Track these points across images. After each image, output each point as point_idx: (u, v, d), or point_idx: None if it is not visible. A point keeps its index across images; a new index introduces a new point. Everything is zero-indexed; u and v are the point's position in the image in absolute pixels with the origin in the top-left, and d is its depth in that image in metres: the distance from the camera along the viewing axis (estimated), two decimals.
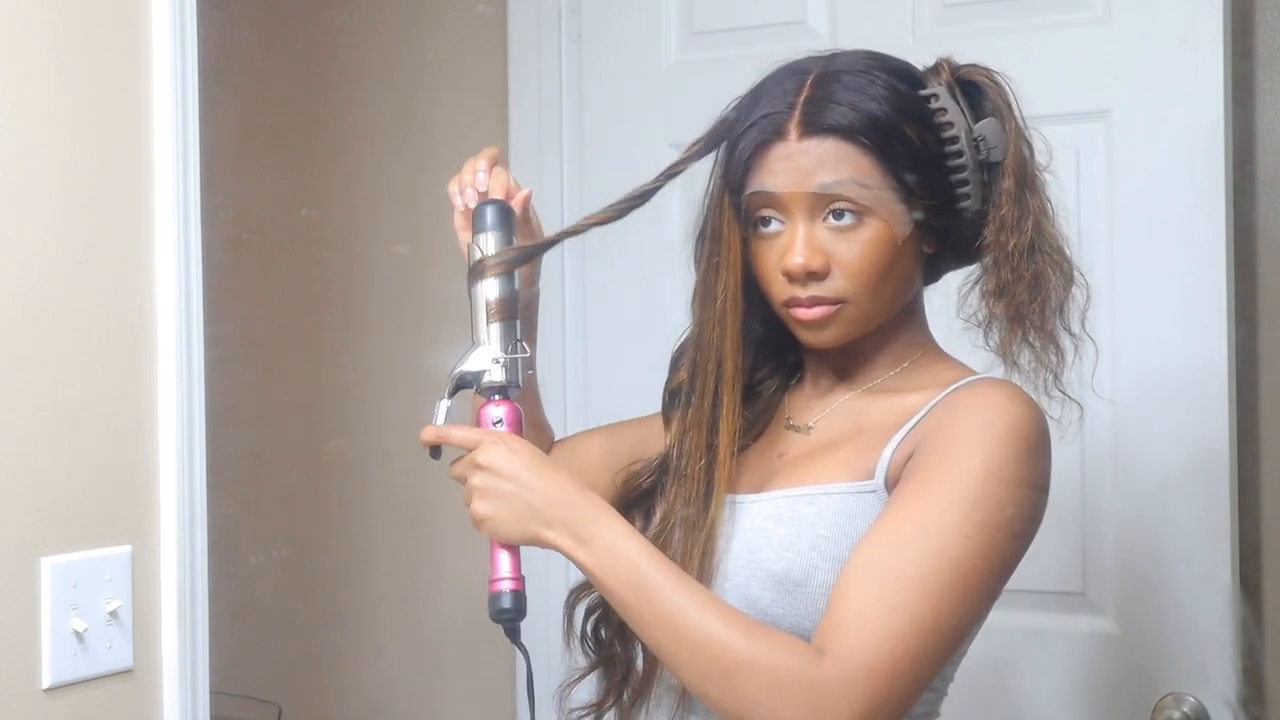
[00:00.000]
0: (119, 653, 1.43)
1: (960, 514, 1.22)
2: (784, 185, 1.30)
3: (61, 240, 1.40)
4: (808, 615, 1.27)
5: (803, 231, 1.30)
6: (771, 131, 1.31)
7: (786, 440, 1.40)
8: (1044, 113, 1.93)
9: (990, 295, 1.34)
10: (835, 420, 1.38)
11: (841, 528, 1.28)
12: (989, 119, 1.34)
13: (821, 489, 1.31)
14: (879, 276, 1.30)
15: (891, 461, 1.29)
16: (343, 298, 2.46)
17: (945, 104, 1.33)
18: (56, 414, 1.39)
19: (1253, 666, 1.83)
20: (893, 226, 1.30)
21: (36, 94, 1.38)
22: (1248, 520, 1.86)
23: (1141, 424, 1.87)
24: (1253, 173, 1.87)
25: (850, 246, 1.29)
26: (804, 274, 1.29)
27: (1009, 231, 1.32)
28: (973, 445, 1.25)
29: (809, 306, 1.31)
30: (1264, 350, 1.87)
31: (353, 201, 2.44)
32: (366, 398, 2.43)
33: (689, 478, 1.37)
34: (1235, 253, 1.84)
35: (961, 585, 1.21)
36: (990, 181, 1.34)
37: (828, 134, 1.29)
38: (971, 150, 1.33)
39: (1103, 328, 1.89)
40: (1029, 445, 1.26)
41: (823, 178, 1.29)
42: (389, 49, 2.41)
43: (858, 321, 1.32)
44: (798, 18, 2.09)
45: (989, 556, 1.23)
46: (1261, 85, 1.88)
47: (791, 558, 1.28)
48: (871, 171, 1.29)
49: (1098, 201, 1.90)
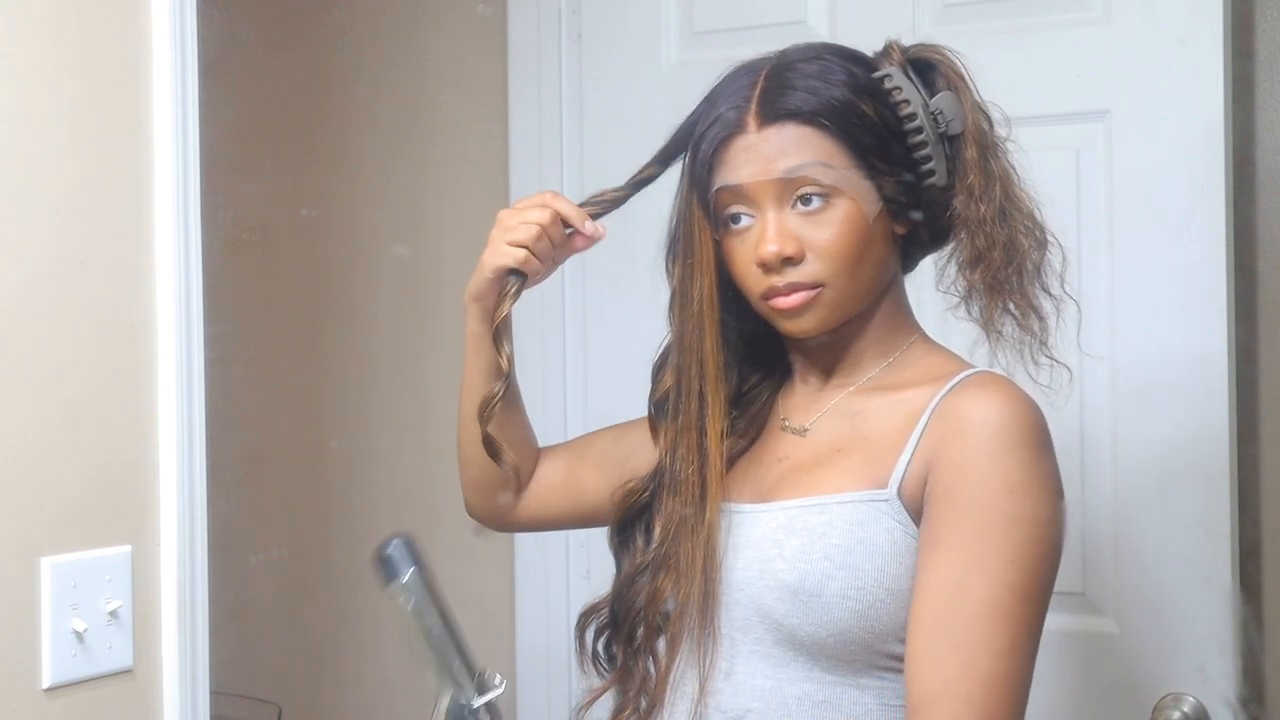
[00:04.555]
0: (119, 653, 1.43)
1: (998, 541, 1.23)
2: (749, 176, 1.31)
3: (62, 240, 1.40)
4: (823, 625, 1.27)
5: (773, 220, 1.30)
6: (731, 126, 1.31)
7: (785, 443, 1.40)
8: (1044, 113, 1.95)
9: (967, 265, 1.35)
10: (833, 421, 1.38)
11: (854, 535, 1.28)
12: (944, 93, 1.35)
13: (833, 498, 1.31)
14: (854, 257, 1.31)
15: (906, 476, 1.29)
16: (343, 298, 2.46)
17: (899, 82, 1.34)
18: (57, 414, 1.39)
19: (1253, 666, 1.83)
20: (861, 205, 1.31)
21: (36, 94, 1.38)
22: (1248, 520, 1.86)
23: (1141, 423, 1.87)
24: (1252, 173, 1.87)
25: (822, 229, 1.30)
26: (779, 261, 1.29)
27: (978, 200, 1.34)
28: (986, 467, 1.25)
29: (787, 294, 1.31)
30: (1264, 350, 1.87)
31: (353, 201, 2.44)
32: (366, 398, 2.43)
33: (684, 483, 1.37)
34: (1235, 252, 1.84)
35: (1025, 607, 1.24)
36: (953, 155, 1.35)
37: (787, 120, 1.30)
38: (931, 124, 1.34)
39: (1102, 327, 1.90)
40: (1036, 446, 1.27)
41: (786, 163, 1.29)
42: (389, 49, 2.41)
43: (837, 306, 1.32)
44: (798, 18, 2.09)
45: (1038, 567, 1.25)
46: (1261, 85, 1.88)
47: (805, 568, 1.28)
48: (834, 152, 1.30)
49: (1098, 201, 1.90)
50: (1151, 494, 1.86)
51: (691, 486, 1.37)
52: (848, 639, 1.27)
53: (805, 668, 1.30)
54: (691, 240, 1.37)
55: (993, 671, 1.22)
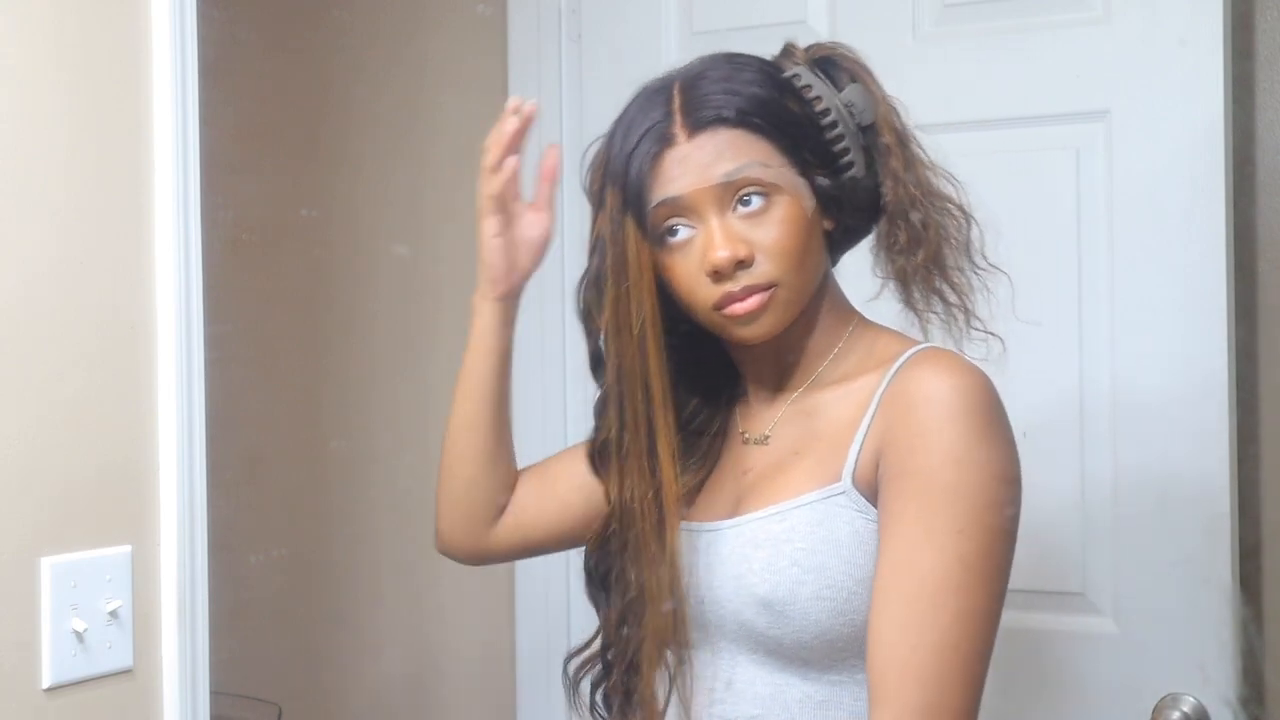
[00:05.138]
0: (119, 653, 1.43)
1: (945, 513, 1.22)
2: (688, 185, 1.29)
3: (62, 240, 1.40)
4: (804, 630, 1.28)
5: (717, 225, 1.29)
6: (660, 141, 1.30)
7: (749, 456, 1.40)
8: (1044, 113, 1.96)
9: (904, 251, 1.35)
10: (790, 425, 1.37)
11: (816, 535, 1.28)
12: (853, 85, 1.35)
13: (791, 504, 1.31)
14: (801, 252, 1.30)
15: (859, 464, 1.29)
16: (343, 298, 2.46)
17: (809, 80, 1.34)
18: (57, 414, 1.39)
19: (1253, 666, 1.83)
20: (800, 201, 1.30)
21: (36, 94, 1.38)
22: (1248, 520, 1.86)
23: (1141, 424, 1.87)
24: (1252, 173, 1.87)
25: (767, 229, 1.29)
26: (732, 265, 1.28)
27: (901, 184, 1.34)
28: (932, 440, 1.24)
29: (743, 298, 1.29)
30: (1264, 350, 1.87)
31: (353, 201, 2.44)
32: (366, 398, 2.43)
33: (639, 512, 1.35)
34: (1235, 253, 1.84)
35: (974, 577, 1.22)
36: (869, 146, 1.35)
37: (717, 125, 1.29)
38: (845, 117, 1.34)
39: (1102, 327, 1.90)
40: (983, 415, 1.26)
41: (724, 167, 1.29)
42: (389, 49, 2.41)
43: (790, 304, 1.31)
44: (798, 18, 2.09)
45: (988, 538, 1.23)
46: (1261, 85, 1.88)
47: (775, 580, 1.28)
48: (768, 151, 1.30)
49: (1098, 201, 1.90)
50: (1151, 494, 1.86)
51: (649, 513, 1.34)
52: (832, 637, 1.28)
53: (800, 671, 1.30)
54: (625, 264, 1.33)
55: (942, 643, 1.21)
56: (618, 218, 1.34)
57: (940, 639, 1.21)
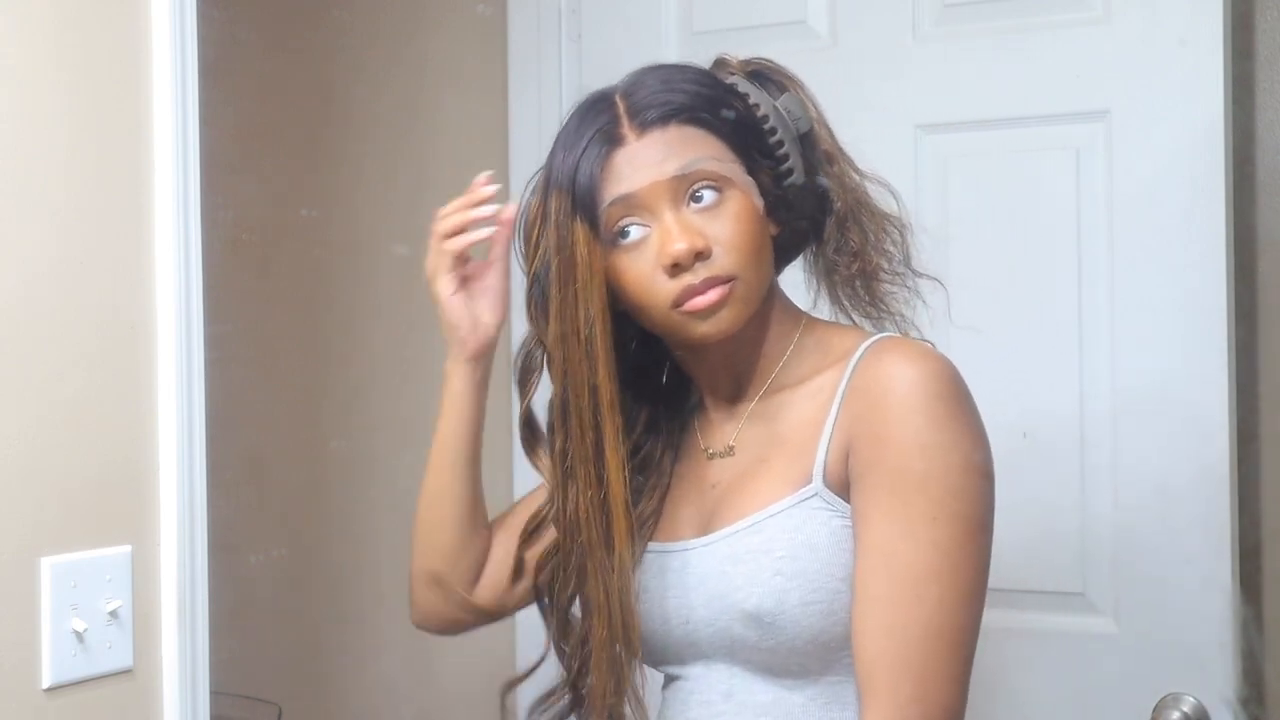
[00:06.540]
0: (119, 653, 1.43)
1: (917, 502, 1.22)
2: (640, 182, 1.29)
3: (61, 240, 1.40)
4: (796, 637, 1.28)
5: (672, 220, 1.28)
6: (609, 141, 1.30)
7: (712, 470, 1.39)
8: (1044, 113, 1.96)
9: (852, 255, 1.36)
10: (752, 432, 1.37)
11: (794, 541, 1.28)
12: (788, 93, 1.36)
13: (765, 513, 1.30)
14: (755, 246, 1.30)
15: (828, 462, 1.28)
16: (343, 298, 2.46)
17: (746, 88, 1.35)
18: (56, 414, 1.39)
19: (1253, 666, 1.83)
20: (752, 197, 1.31)
21: (36, 94, 1.38)
22: (1248, 520, 1.86)
23: (1141, 423, 1.87)
24: (1252, 173, 1.87)
25: (723, 223, 1.29)
26: (691, 256, 1.27)
27: (845, 190, 1.35)
28: (899, 430, 1.24)
29: (704, 291, 1.28)
30: (1264, 350, 1.87)
31: (353, 201, 2.44)
32: (367, 398, 2.43)
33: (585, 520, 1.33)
34: (1235, 253, 1.84)
35: (951, 563, 1.22)
36: (807, 153, 1.36)
37: (666, 122, 1.29)
38: (785, 123, 1.34)
39: (1102, 327, 1.90)
40: (948, 400, 1.25)
41: (676, 162, 1.29)
42: (389, 49, 2.41)
43: (748, 300, 1.30)
44: (798, 18, 2.09)
45: (962, 523, 1.23)
46: (1261, 85, 1.88)
47: (761, 592, 1.28)
48: (718, 146, 1.30)
49: (1098, 201, 1.90)
50: (1151, 494, 1.86)
51: (595, 520, 1.32)
52: (825, 640, 1.28)
53: (799, 676, 1.30)
54: (574, 267, 1.30)
55: (925, 631, 1.21)
56: (566, 222, 1.31)
57: (925, 628, 1.21)
